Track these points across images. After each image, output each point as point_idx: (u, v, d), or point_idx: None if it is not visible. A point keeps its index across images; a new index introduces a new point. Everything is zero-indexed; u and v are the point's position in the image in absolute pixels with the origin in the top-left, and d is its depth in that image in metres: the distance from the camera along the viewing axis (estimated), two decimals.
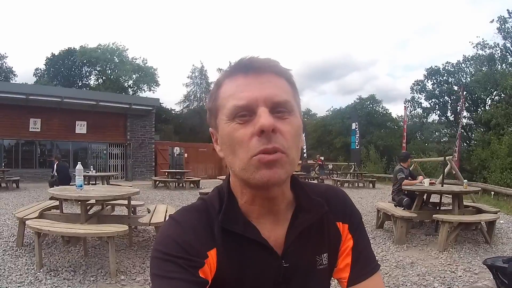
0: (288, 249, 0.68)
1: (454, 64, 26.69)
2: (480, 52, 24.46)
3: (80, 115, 16.52)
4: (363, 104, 31.80)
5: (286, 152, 0.60)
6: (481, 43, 24.12)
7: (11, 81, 28.55)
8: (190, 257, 0.60)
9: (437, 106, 28.45)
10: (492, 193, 10.86)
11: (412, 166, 9.64)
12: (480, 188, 9.63)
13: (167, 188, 12.84)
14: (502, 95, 21.56)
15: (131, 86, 34.29)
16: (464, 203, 5.75)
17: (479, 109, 24.19)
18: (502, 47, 23.40)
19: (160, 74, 36.24)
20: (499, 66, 23.41)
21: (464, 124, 12.19)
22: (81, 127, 16.66)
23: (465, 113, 15.39)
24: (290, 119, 0.62)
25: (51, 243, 4.38)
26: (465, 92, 17.97)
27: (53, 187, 6.92)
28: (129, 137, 17.96)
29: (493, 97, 23.74)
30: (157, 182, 13.50)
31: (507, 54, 23.51)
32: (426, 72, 27.88)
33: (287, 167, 0.61)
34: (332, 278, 0.76)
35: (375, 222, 6.18)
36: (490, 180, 14.30)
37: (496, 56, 23.82)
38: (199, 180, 13.67)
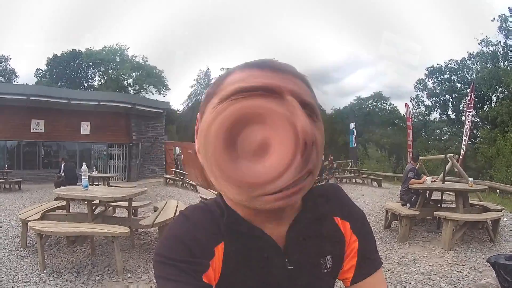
0: (290, 245, 0.65)
1: (459, 61, 26.53)
2: (484, 49, 24.38)
3: (83, 116, 16.56)
4: (361, 104, 32.29)
5: (313, 172, 0.51)
6: (485, 40, 24.04)
7: (13, 83, 28.59)
8: (194, 259, 0.58)
9: (437, 104, 28.38)
10: (498, 191, 10.76)
11: (418, 164, 9.59)
12: (487, 186, 9.49)
13: (176, 186, 13.22)
14: (506, 92, 21.46)
15: (131, 84, 33.74)
16: (470, 202, 5.70)
17: (485, 106, 24.06)
18: (503, 45, 23.33)
19: (168, 78, 36.01)
20: (502, 64, 23.30)
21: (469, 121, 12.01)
22: (85, 128, 16.72)
23: (473, 111, 15.05)
24: (319, 124, 0.53)
25: (54, 245, 4.39)
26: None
27: (59, 187, 6.97)
28: (135, 137, 17.94)
29: (498, 94, 23.62)
30: (168, 180, 13.88)
31: (509, 51, 23.41)
32: (427, 71, 27.83)
33: (308, 188, 0.53)
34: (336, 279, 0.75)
35: (383, 223, 6.04)
36: (496, 178, 14.19)
37: (499, 54, 23.71)
38: None
